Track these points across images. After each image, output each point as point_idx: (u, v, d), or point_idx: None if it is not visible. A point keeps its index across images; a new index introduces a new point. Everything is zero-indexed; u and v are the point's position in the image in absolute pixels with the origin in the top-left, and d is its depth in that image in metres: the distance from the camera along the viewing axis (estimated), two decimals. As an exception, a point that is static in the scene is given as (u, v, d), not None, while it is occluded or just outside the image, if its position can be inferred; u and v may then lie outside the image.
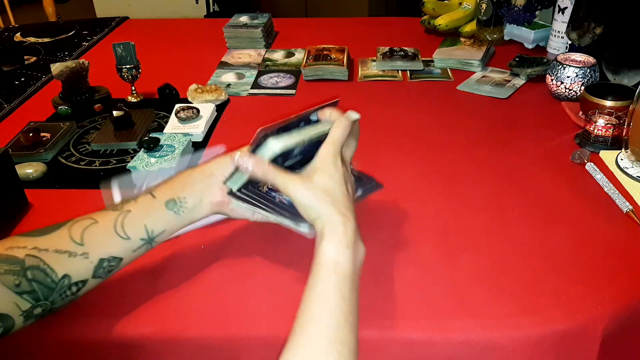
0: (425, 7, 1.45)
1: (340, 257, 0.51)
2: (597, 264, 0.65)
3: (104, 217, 0.56)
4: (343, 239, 0.52)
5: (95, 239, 0.55)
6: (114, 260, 0.56)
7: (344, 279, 0.50)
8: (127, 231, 0.56)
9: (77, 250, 0.54)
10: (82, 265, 0.54)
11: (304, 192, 0.54)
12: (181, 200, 0.59)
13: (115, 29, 1.64)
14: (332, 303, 0.49)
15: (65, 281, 0.53)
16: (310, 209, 0.54)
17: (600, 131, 0.87)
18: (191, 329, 0.58)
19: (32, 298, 0.50)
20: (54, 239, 0.54)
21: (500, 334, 0.56)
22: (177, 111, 1.00)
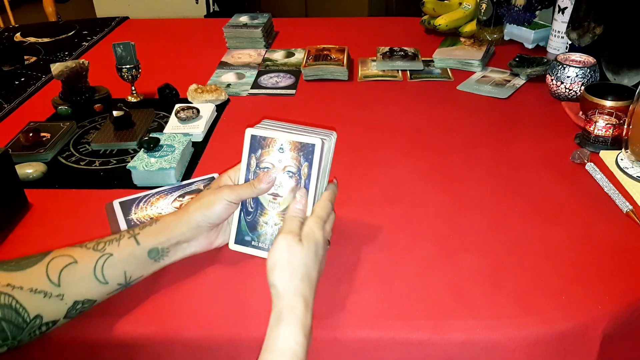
0: (425, 7, 1.45)
1: (299, 347, 0.49)
2: (597, 264, 0.65)
3: (83, 258, 0.55)
4: (304, 326, 0.50)
5: (73, 281, 0.54)
6: (87, 302, 0.55)
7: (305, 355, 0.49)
8: (106, 276, 0.56)
9: (53, 292, 0.52)
10: (55, 306, 0.53)
11: (284, 253, 0.54)
12: (164, 250, 0.60)
13: (115, 29, 1.64)
14: None
15: (37, 321, 0.51)
16: (279, 273, 0.53)
17: (600, 131, 0.87)
18: (191, 329, 0.58)
19: (1, 336, 0.49)
20: (30, 277, 0.52)
21: (500, 334, 0.56)
22: (177, 111, 1.00)
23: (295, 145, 0.61)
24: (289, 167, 0.61)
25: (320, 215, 0.59)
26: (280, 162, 0.62)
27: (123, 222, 0.73)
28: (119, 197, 0.79)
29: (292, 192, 0.62)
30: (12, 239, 0.72)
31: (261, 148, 0.62)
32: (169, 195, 0.79)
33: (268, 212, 0.63)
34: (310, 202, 0.61)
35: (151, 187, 0.81)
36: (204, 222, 0.60)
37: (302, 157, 0.61)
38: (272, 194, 0.62)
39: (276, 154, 0.62)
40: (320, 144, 0.60)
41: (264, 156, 0.62)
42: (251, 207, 0.63)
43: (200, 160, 0.90)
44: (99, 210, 0.77)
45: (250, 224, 0.64)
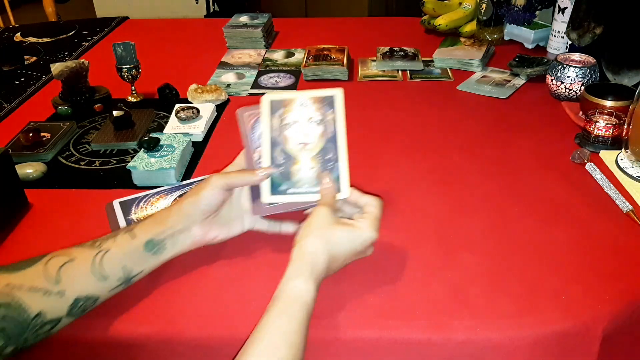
0: (425, 7, 1.45)
1: (309, 296, 0.53)
2: (597, 264, 0.65)
3: (81, 254, 0.56)
4: (311, 278, 0.54)
5: (72, 278, 0.54)
6: (89, 299, 0.55)
7: (308, 317, 0.53)
8: (105, 271, 0.56)
9: (53, 289, 0.52)
10: (57, 303, 0.53)
11: (316, 219, 0.58)
12: (159, 242, 0.60)
13: (115, 29, 1.64)
14: (299, 340, 0.51)
15: (39, 320, 0.51)
16: (306, 231, 0.57)
17: (600, 131, 0.87)
18: (191, 329, 0.58)
19: (4, 336, 0.49)
20: (29, 276, 0.52)
21: (500, 334, 0.56)
22: (177, 111, 1.00)
23: (315, 99, 0.66)
24: (314, 117, 0.65)
25: (379, 218, 0.61)
26: (303, 114, 0.65)
27: (123, 222, 0.73)
28: (119, 197, 0.79)
29: (321, 137, 0.65)
30: (12, 239, 0.72)
31: (281, 108, 0.66)
32: (169, 195, 0.79)
33: (300, 160, 0.65)
34: (343, 145, 0.64)
35: (151, 187, 0.81)
36: (194, 210, 0.61)
37: (325, 106, 0.65)
38: (301, 143, 0.65)
39: (298, 108, 0.66)
40: (340, 93, 0.65)
41: (286, 114, 0.66)
42: (281, 160, 0.65)
43: (200, 160, 0.90)
44: (99, 210, 0.77)
45: (284, 175, 0.65)
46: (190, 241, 0.63)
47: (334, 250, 0.57)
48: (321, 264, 0.55)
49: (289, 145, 0.65)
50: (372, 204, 0.61)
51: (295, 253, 0.56)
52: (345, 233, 0.58)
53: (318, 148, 0.65)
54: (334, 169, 0.64)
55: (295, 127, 0.65)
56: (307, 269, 0.54)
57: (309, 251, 0.56)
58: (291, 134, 0.65)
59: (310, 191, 0.64)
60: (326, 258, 0.56)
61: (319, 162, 0.64)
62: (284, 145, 0.65)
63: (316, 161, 0.65)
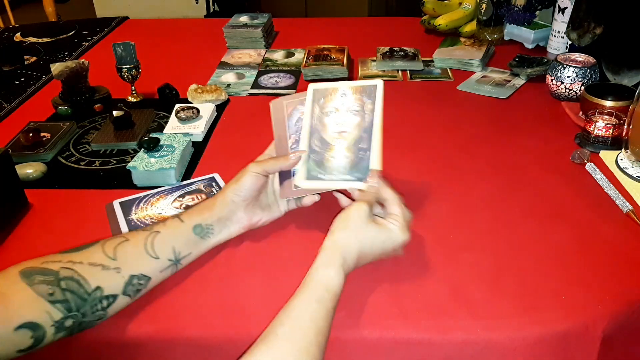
0: (425, 7, 1.45)
1: (338, 287, 0.55)
2: (597, 264, 0.65)
3: (135, 236, 0.60)
4: (341, 270, 0.56)
5: (127, 256, 0.57)
6: (143, 279, 0.58)
7: (335, 307, 0.55)
8: (156, 251, 0.59)
9: (110, 264, 0.56)
10: (114, 279, 0.56)
11: (355, 215, 0.60)
12: (208, 226, 0.64)
13: (115, 29, 1.64)
14: (324, 325, 0.52)
15: (98, 293, 0.54)
16: (343, 224, 0.59)
17: (600, 131, 0.87)
18: (191, 329, 0.58)
19: (65, 308, 0.51)
20: (88, 254, 0.56)
21: (500, 334, 0.56)
22: (177, 111, 1.00)
23: (357, 89, 0.68)
24: (353, 107, 0.67)
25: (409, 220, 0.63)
26: (344, 104, 0.68)
27: (123, 222, 0.73)
28: (119, 197, 0.79)
29: (357, 127, 0.67)
30: (12, 239, 0.72)
31: (323, 97, 0.69)
32: (169, 196, 0.79)
33: (334, 147, 0.67)
34: (377, 135, 0.65)
35: (151, 187, 0.81)
36: (237, 197, 0.65)
37: (365, 97, 0.67)
38: (337, 132, 0.67)
39: (339, 99, 0.68)
40: (381, 84, 0.66)
41: (327, 102, 0.69)
42: (317, 147, 0.68)
43: (200, 160, 0.90)
44: (99, 210, 0.77)
45: (318, 162, 0.67)
46: (237, 226, 0.67)
47: (365, 248, 0.59)
48: (351, 260, 0.58)
49: (327, 132, 0.68)
50: (399, 204, 0.63)
51: (329, 244, 0.58)
52: (378, 233, 0.60)
53: (353, 137, 0.67)
54: (365, 158, 0.65)
55: (334, 115, 0.68)
56: (339, 261, 0.56)
57: (343, 244, 0.58)
58: (329, 122, 0.68)
59: (342, 178, 0.66)
60: (357, 254, 0.58)
61: (353, 151, 0.66)
62: (321, 132, 0.68)
63: (350, 150, 0.67)
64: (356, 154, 0.66)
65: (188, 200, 0.78)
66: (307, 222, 0.73)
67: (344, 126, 0.67)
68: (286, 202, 0.72)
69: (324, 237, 0.70)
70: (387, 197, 0.63)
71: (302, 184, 0.68)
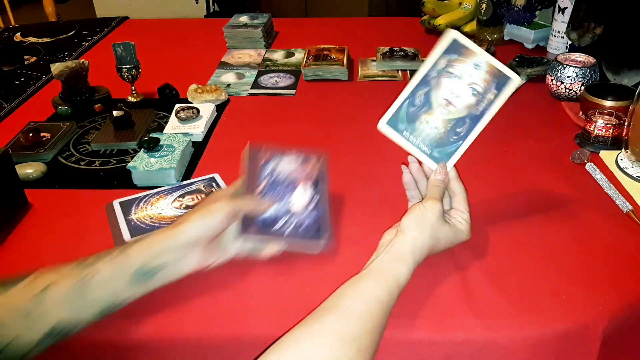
0: (425, 7, 1.45)
1: (404, 286, 0.56)
2: (597, 264, 0.65)
3: (67, 278, 0.52)
4: (412, 270, 0.58)
5: (54, 302, 0.51)
6: (69, 325, 0.52)
7: (394, 305, 0.55)
8: (89, 297, 0.52)
9: (33, 311, 0.50)
10: (34, 325, 0.50)
11: (432, 215, 0.60)
12: (153, 267, 0.56)
13: (115, 29, 1.64)
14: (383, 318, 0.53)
15: (18, 341, 0.49)
16: (419, 224, 0.59)
17: (600, 131, 0.87)
18: (191, 329, 0.58)
19: None
20: (11, 296, 0.50)
21: (500, 334, 0.56)
22: (177, 111, 1.00)
23: (492, 69, 0.61)
24: (476, 85, 0.62)
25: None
26: (471, 76, 0.62)
27: (123, 222, 0.73)
28: (119, 197, 0.79)
29: (467, 109, 0.62)
30: (12, 239, 0.72)
31: (457, 54, 0.62)
32: (169, 195, 0.79)
33: (434, 113, 0.63)
34: (482, 126, 0.62)
35: (151, 187, 0.81)
36: (200, 235, 0.58)
37: (493, 83, 0.61)
38: (446, 100, 0.62)
39: (469, 67, 0.62)
40: (518, 81, 0.61)
41: (456, 62, 0.62)
42: (419, 101, 0.63)
43: (200, 160, 0.90)
44: (99, 210, 0.77)
45: (411, 115, 0.63)
46: (188, 268, 0.59)
47: (436, 247, 0.61)
48: (422, 258, 0.59)
49: (437, 93, 0.63)
50: (466, 199, 0.64)
51: (404, 241, 0.59)
52: (449, 232, 0.61)
53: (457, 115, 0.62)
54: (455, 144, 0.62)
55: (454, 81, 0.62)
56: (414, 260, 0.58)
57: (420, 246, 0.58)
58: (445, 85, 0.62)
59: (421, 148, 0.63)
60: (428, 253, 0.60)
61: (447, 129, 0.62)
62: (432, 89, 0.63)
63: (445, 126, 0.62)
64: (448, 134, 0.62)
65: (188, 200, 0.78)
66: (307, 222, 0.73)
67: (456, 99, 0.62)
68: (240, 244, 0.63)
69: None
70: (456, 191, 0.64)
71: (381, 127, 0.64)
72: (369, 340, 0.50)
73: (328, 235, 0.65)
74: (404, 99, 0.64)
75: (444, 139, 0.63)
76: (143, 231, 0.71)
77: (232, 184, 0.67)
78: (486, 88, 0.61)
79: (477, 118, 0.62)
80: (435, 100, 0.62)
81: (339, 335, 0.49)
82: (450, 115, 0.62)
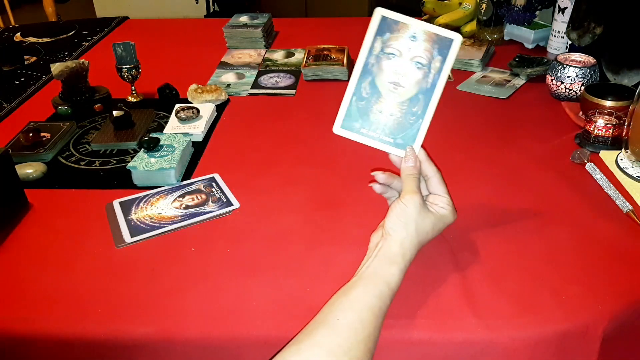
0: (425, 7, 1.45)
1: (397, 286, 0.56)
2: (597, 264, 0.65)
3: None
4: (404, 270, 0.57)
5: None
6: None
7: (390, 303, 0.55)
8: None
9: None
10: None
11: (413, 210, 0.58)
12: None
13: (115, 29, 1.64)
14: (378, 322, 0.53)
15: None
16: (402, 223, 0.58)
17: (600, 131, 0.87)
18: (191, 329, 0.58)
19: None
20: None
21: (500, 334, 0.56)
22: (177, 111, 1.00)
23: (430, 36, 0.58)
24: (418, 58, 0.59)
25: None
26: (410, 50, 0.59)
27: (123, 222, 0.73)
28: (119, 197, 0.79)
29: (416, 85, 0.59)
30: (12, 239, 0.72)
31: (390, 32, 0.59)
32: (169, 195, 0.79)
33: (385, 100, 0.60)
34: (437, 98, 0.59)
35: (151, 187, 0.81)
36: None
37: (435, 50, 0.58)
38: (393, 83, 0.59)
39: (406, 41, 0.59)
40: (460, 40, 0.58)
41: (391, 41, 0.59)
42: (366, 93, 0.60)
43: (200, 160, 0.90)
44: (99, 210, 0.77)
45: (362, 110, 0.60)
46: None
47: (424, 240, 0.60)
48: (412, 255, 0.58)
49: (381, 79, 0.60)
50: (441, 181, 0.62)
51: (392, 244, 0.57)
52: (434, 221, 0.60)
53: (408, 95, 0.59)
54: (414, 125, 0.60)
55: (395, 61, 0.59)
56: (403, 259, 0.57)
57: (408, 245, 0.57)
58: (387, 68, 0.59)
59: (383, 140, 0.61)
60: (417, 249, 0.59)
61: (403, 111, 0.59)
62: (375, 76, 0.60)
63: (400, 109, 0.60)
64: (406, 117, 0.59)
65: (188, 200, 0.78)
66: (307, 222, 0.73)
67: (402, 78, 0.58)
68: None
69: (324, 237, 0.70)
70: (430, 174, 0.62)
71: (337, 131, 0.61)
72: (362, 349, 0.50)
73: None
74: (350, 95, 0.61)
75: (403, 123, 0.60)
76: (143, 231, 0.71)
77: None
78: (430, 57, 0.58)
79: (429, 91, 0.59)
80: (381, 86, 0.60)
81: (330, 349, 0.49)
82: (402, 97, 0.60)
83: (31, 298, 0.62)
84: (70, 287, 0.63)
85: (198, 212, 0.75)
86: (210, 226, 0.73)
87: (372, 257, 0.58)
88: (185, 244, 0.69)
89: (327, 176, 0.84)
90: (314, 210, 0.76)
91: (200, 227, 0.73)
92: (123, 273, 0.65)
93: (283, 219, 0.74)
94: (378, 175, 0.64)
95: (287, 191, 0.80)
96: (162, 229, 0.71)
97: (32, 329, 0.58)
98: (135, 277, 0.64)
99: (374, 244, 0.60)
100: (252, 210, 0.76)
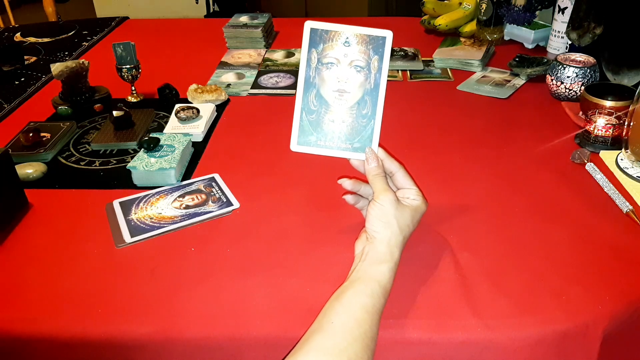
0: (425, 7, 1.45)
1: (389, 284, 0.56)
2: (597, 264, 0.65)
3: None
4: (394, 267, 0.57)
5: None
6: None
7: (385, 302, 0.55)
8: None
9: None
10: None
11: (391, 208, 0.59)
12: None
13: (115, 29, 1.64)
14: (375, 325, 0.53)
15: None
16: (384, 223, 0.58)
17: (600, 131, 0.87)
18: (191, 329, 0.58)
19: None
20: None
21: (500, 334, 0.56)
22: (177, 111, 1.00)
23: (362, 39, 0.60)
24: (356, 62, 0.60)
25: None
26: (346, 56, 0.60)
27: (123, 222, 0.73)
28: (119, 197, 0.79)
29: (360, 88, 0.60)
30: (12, 239, 0.72)
31: (323, 42, 0.60)
32: (169, 196, 0.79)
33: (334, 109, 0.61)
34: (382, 96, 0.60)
35: (151, 187, 0.81)
36: None
37: (371, 50, 0.60)
38: (337, 91, 0.60)
39: (341, 47, 0.60)
40: (391, 36, 0.59)
41: (326, 51, 0.60)
42: (314, 106, 0.61)
43: (200, 160, 0.90)
44: (99, 210, 0.77)
45: (314, 123, 0.61)
46: None
47: (407, 234, 0.60)
48: (400, 251, 0.59)
49: (326, 89, 0.61)
50: (406, 174, 0.63)
51: (379, 245, 0.58)
52: (411, 213, 0.61)
53: (355, 99, 0.60)
54: (367, 127, 0.61)
55: (334, 70, 0.60)
56: (392, 258, 0.57)
57: (394, 243, 0.58)
58: (329, 77, 0.60)
59: (340, 147, 0.61)
60: (403, 244, 0.60)
61: (353, 116, 0.60)
62: (319, 87, 0.61)
63: (351, 114, 0.61)
64: (357, 121, 0.60)
65: (188, 200, 0.78)
66: (307, 222, 0.73)
67: (345, 84, 0.60)
68: None
69: (323, 237, 0.70)
70: (393, 170, 0.63)
71: (295, 149, 0.62)
72: (360, 346, 0.50)
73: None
74: (299, 111, 0.62)
75: (356, 127, 0.61)
76: (143, 231, 0.71)
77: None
78: (367, 59, 0.60)
79: (374, 91, 0.60)
80: (327, 96, 0.61)
81: (326, 350, 0.49)
82: (349, 102, 0.61)
83: (31, 298, 0.62)
84: (70, 287, 0.63)
85: (198, 212, 0.75)
86: (210, 226, 0.73)
87: (361, 262, 0.58)
88: (185, 244, 0.69)
89: (327, 176, 0.84)
90: (314, 210, 0.76)
91: (200, 227, 0.73)
92: (123, 273, 0.65)
93: (283, 219, 0.74)
94: (344, 183, 0.64)
95: (287, 191, 0.80)
96: (162, 229, 0.72)
97: (31, 329, 0.58)
98: (135, 277, 0.64)
99: (359, 250, 0.61)
100: (252, 210, 0.76)
